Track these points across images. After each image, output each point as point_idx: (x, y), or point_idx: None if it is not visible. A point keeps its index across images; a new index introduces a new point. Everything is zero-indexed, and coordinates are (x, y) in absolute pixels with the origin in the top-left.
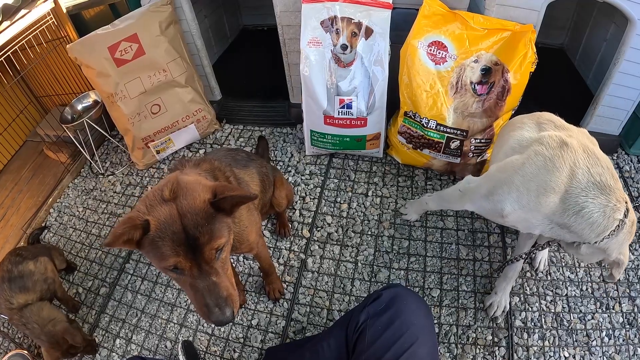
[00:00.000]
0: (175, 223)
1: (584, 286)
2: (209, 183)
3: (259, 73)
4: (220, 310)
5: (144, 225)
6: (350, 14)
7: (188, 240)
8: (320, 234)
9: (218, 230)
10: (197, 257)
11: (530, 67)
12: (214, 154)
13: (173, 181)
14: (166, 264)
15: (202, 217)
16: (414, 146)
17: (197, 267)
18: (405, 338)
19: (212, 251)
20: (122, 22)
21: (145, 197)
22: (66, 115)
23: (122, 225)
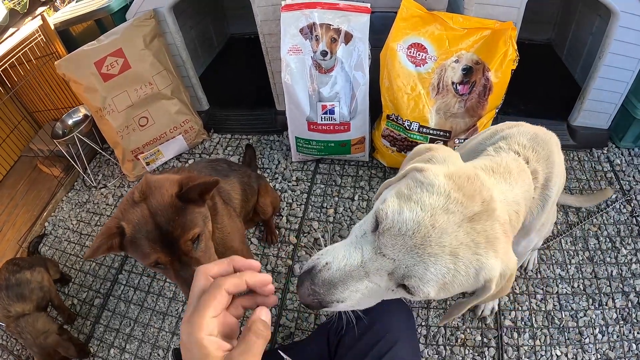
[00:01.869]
0: (147, 222)
1: (575, 283)
2: (175, 177)
3: (245, 81)
4: None
5: (120, 231)
6: (329, 20)
7: (163, 236)
8: (307, 240)
9: (190, 222)
10: (175, 250)
11: (511, 64)
12: (195, 166)
13: (142, 182)
14: (148, 261)
15: (172, 211)
16: (398, 149)
17: (177, 260)
18: (384, 341)
19: (187, 242)
20: (107, 37)
21: (120, 203)
22: (57, 130)
23: (100, 237)
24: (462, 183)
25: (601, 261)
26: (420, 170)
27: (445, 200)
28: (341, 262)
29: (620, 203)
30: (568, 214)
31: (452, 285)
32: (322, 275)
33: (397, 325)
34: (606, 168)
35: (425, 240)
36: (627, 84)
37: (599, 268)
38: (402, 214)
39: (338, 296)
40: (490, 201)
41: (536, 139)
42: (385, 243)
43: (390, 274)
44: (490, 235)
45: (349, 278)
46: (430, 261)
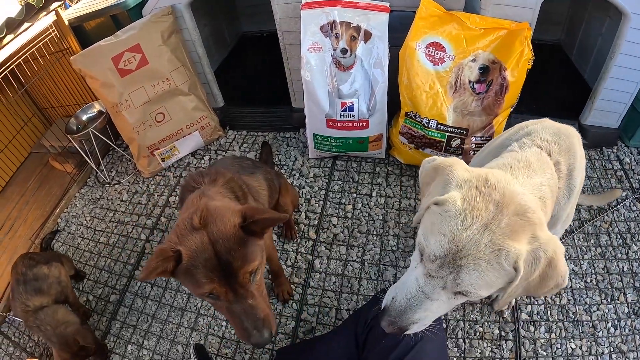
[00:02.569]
0: (207, 250)
1: (588, 278)
2: (237, 207)
3: (260, 79)
4: (259, 332)
5: (176, 256)
6: (349, 18)
7: (221, 266)
8: (326, 235)
9: (251, 254)
10: (232, 281)
11: (527, 64)
12: (221, 163)
13: (202, 208)
14: (202, 290)
15: (233, 241)
16: (416, 146)
17: (233, 292)
18: (412, 335)
19: (246, 275)
20: (125, 32)
21: (176, 226)
22: (71, 126)
23: (155, 259)
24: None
25: (613, 257)
26: (442, 203)
27: (462, 221)
28: (403, 294)
29: (631, 201)
30: (580, 212)
31: (490, 280)
32: (393, 308)
33: None
34: (616, 166)
35: (455, 257)
36: (638, 84)
37: (610, 264)
38: (430, 245)
39: (411, 319)
40: (507, 195)
41: (558, 133)
42: (430, 268)
43: (444, 288)
44: (508, 229)
45: (414, 302)
46: (463, 271)
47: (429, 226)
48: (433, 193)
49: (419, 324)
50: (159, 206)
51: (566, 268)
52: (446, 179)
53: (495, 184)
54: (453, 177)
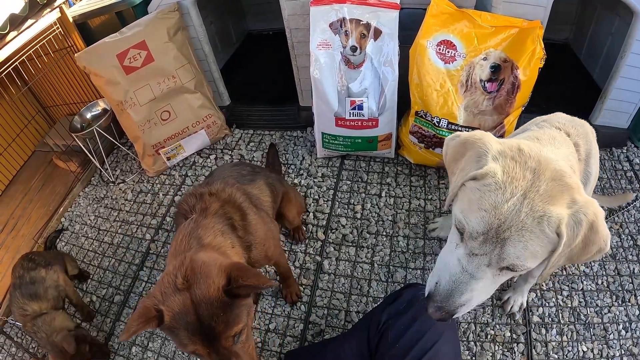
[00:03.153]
0: (189, 313)
1: (599, 280)
2: (224, 263)
3: (266, 77)
4: None
5: (159, 315)
6: (359, 15)
7: (204, 330)
8: (335, 236)
9: (235, 317)
10: (215, 344)
11: (538, 63)
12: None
13: (187, 265)
14: (185, 349)
15: (216, 306)
16: (426, 145)
17: (216, 353)
18: (427, 337)
19: (229, 338)
20: (130, 29)
21: (160, 281)
22: (75, 124)
23: (137, 319)
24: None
25: (623, 259)
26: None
27: (502, 194)
28: (447, 277)
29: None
30: None
31: (535, 250)
32: (439, 292)
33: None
34: (626, 167)
35: (498, 231)
36: None
37: (621, 265)
38: (471, 222)
39: (459, 302)
40: (542, 162)
41: (574, 121)
42: (472, 246)
43: (489, 265)
44: (546, 195)
45: (460, 284)
46: (507, 244)
47: (466, 204)
48: (466, 169)
49: (466, 306)
50: (164, 205)
51: (608, 232)
52: (479, 152)
53: (529, 152)
54: (487, 149)
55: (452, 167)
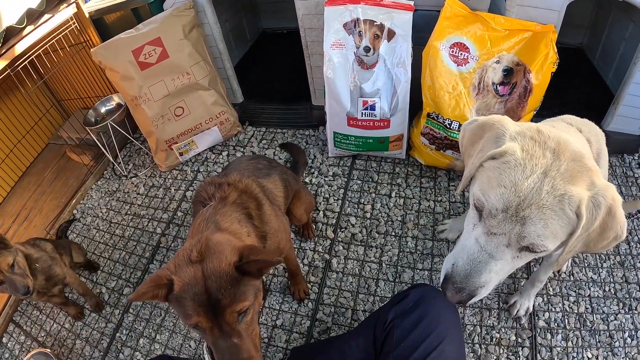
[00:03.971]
0: (198, 285)
1: (606, 287)
2: (237, 244)
3: (279, 76)
4: None
5: (169, 285)
6: (373, 16)
7: (210, 302)
8: (344, 235)
9: (242, 294)
10: (219, 319)
11: (551, 67)
12: (236, 165)
13: (202, 242)
14: (188, 322)
15: (225, 280)
16: (437, 147)
17: (219, 328)
18: (433, 337)
19: (233, 314)
20: (146, 26)
21: (176, 255)
22: (90, 118)
23: (148, 284)
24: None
25: (632, 266)
26: (500, 155)
27: (522, 171)
28: (465, 257)
29: None
30: None
31: (555, 230)
32: (457, 273)
33: (445, 321)
34: (637, 174)
35: (518, 209)
36: None
37: (629, 273)
38: (490, 200)
39: (478, 282)
40: (561, 143)
41: (584, 121)
42: (491, 224)
43: (508, 245)
44: (567, 174)
45: (478, 264)
46: (528, 222)
47: (485, 182)
48: (485, 149)
49: (485, 288)
50: (175, 200)
51: (624, 219)
52: (497, 133)
53: (548, 133)
54: (505, 129)
55: (468, 150)
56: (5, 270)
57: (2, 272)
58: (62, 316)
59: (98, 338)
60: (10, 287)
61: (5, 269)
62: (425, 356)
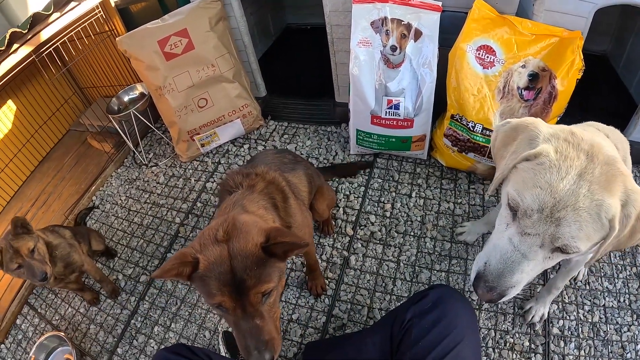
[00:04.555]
0: (224, 264)
1: (621, 297)
2: (264, 226)
3: (303, 71)
4: (260, 353)
5: (194, 263)
6: (400, 15)
7: (235, 282)
8: (363, 233)
9: (267, 275)
10: (243, 299)
11: (577, 74)
12: (263, 158)
13: (229, 222)
14: (212, 301)
15: (252, 260)
16: (460, 149)
17: (242, 309)
18: (450, 338)
19: (258, 295)
20: (172, 17)
21: (201, 234)
22: (113, 106)
23: (172, 261)
24: (566, 144)
25: None
26: (535, 156)
27: (557, 172)
28: (497, 256)
29: None
30: None
31: (589, 233)
32: (490, 272)
33: (463, 323)
34: None
35: (553, 210)
36: None
37: None
38: (526, 200)
39: (510, 282)
40: (594, 145)
41: (610, 128)
42: (525, 225)
43: (541, 246)
44: (602, 179)
45: (511, 264)
46: (563, 223)
47: (520, 183)
48: (518, 151)
49: (515, 288)
50: (195, 191)
51: None
52: (531, 135)
53: (582, 136)
54: (539, 131)
55: (501, 152)
56: (25, 255)
57: (22, 256)
58: (77, 300)
59: (112, 324)
60: (28, 272)
61: (25, 253)
62: (442, 357)
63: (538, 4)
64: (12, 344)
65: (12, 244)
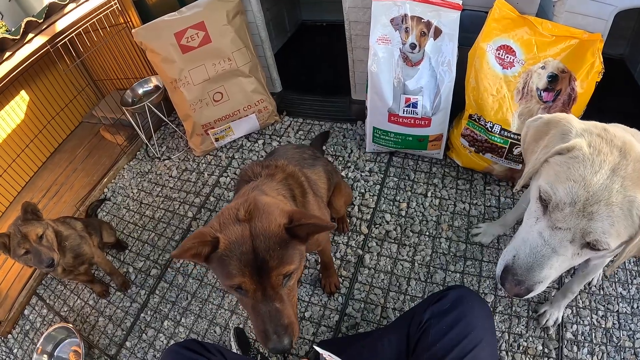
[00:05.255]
0: (245, 243)
1: (635, 304)
2: (286, 208)
3: (318, 68)
4: (279, 337)
5: (214, 242)
6: (420, 13)
7: (257, 263)
8: (378, 231)
9: (289, 257)
10: (264, 280)
11: (596, 76)
12: (283, 152)
13: (250, 201)
14: (231, 282)
15: (274, 241)
16: (477, 150)
17: (262, 291)
18: (469, 339)
19: (279, 277)
20: (190, 9)
21: (220, 213)
22: (127, 99)
23: (192, 240)
24: (599, 140)
25: None
26: (568, 150)
27: (591, 166)
28: (527, 250)
29: None
30: None
31: (620, 229)
32: (519, 265)
33: (481, 325)
34: None
35: (586, 204)
36: None
37: None
38: (558, 193)
39: (538, 277)
40: (627, 143)
41: (634, 130)
42: (556, 218)
43: (571, 241)
44: (635, 175)
45: (540, 258)
46: (595, 218)
47: (553, 176)
48: (550, 145)
49: (542, 284)
50: (208, 185)
51: None
52: (564, 130)
53: (614, 132)
54: (572, 126)
55: (532, 147)
56: (33, 240)
57: (29, 242)
58: (86, 292)
59: (122, 317)
60: (34, 258)
61: (33, 238)
62: (460, 359)
63: (559, 5)
64: (20, 334)
65: (20, 229)
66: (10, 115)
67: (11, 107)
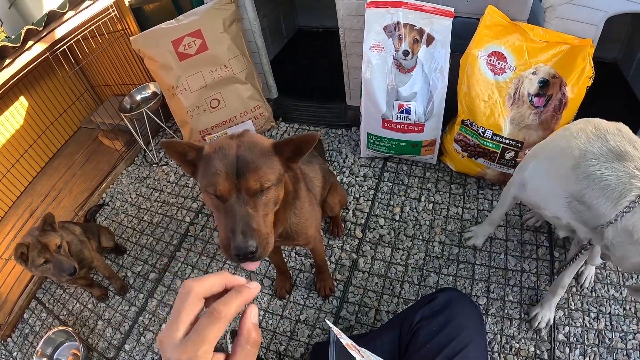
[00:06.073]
0: (230, 148)
1: (627, 305)
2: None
3: (314, 74)
4: (244, 238)
5: (199, 149)
6: (413, 20)
7: (237, 165)
8: (372, 235)
9: (268, 168)
10: (240, 183)
11: (587, 81)
12: None
13: (244, 132)
14: (210, 180)
15: (258, 150)
16: (469, 155)
17: (236, 194)
18: (458, 341)
19: (256, 182)
20: (187, 17)
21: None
22: (125, 105)
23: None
24: None
25: None
26: None
27: None
28: None
29: None
30: None
31: None
32: None
33: (470, 327)
34: None
35: None
36: None
37: None
38: None
39: None
40: None
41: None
42: None
43: None
44: None
45: None
46: None
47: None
48: None
49: None
50: None
51: None
52: None
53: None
54: None
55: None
56: (53, 250)
57: (50, 252)
58: (85, 296)
59: (120, 320)
60: (55, 267)
61: (53, 248)
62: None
63: (549, 11)
64: (19, 338)
65: (39, 239)
66: (10, 121)
67: (10, 112)
